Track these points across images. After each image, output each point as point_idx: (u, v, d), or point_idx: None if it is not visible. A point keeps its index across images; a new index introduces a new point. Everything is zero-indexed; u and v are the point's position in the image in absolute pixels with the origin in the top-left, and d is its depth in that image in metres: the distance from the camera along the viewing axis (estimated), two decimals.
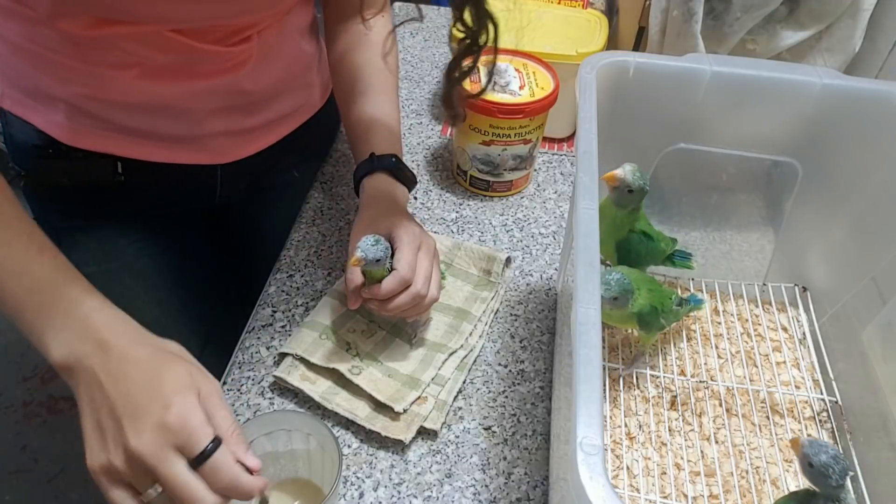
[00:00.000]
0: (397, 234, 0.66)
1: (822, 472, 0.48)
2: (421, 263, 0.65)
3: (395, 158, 0.75)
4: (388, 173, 0.74)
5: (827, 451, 0.48)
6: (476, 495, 0.62)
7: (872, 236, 0.66)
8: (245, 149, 0.82)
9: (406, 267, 0.63)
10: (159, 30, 0.64)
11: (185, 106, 0.72)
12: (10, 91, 0.73)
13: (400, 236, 0.65)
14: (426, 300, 0.66)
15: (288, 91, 0.82)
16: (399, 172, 0.75)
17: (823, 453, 0.48)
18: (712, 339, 0.74)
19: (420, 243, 0.66)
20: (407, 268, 0.63)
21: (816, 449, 0.48)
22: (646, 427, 0.66)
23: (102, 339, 0.50)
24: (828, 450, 0.48)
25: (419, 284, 0.64)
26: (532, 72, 0.88)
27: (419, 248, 0.66)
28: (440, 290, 0.68)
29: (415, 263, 0.64)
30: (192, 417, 0.46)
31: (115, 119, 0.71)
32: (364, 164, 0.75)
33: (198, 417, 0.47)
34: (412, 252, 0.65)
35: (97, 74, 0.67)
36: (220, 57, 0.70)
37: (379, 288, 0.63)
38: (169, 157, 0.76)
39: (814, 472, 0.49)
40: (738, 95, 0.63)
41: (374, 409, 0.66)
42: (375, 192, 0.73)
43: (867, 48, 0.88)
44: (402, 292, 0.64)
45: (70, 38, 0.64)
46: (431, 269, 0.66)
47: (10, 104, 0.73)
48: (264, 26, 0.72)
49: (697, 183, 0.72)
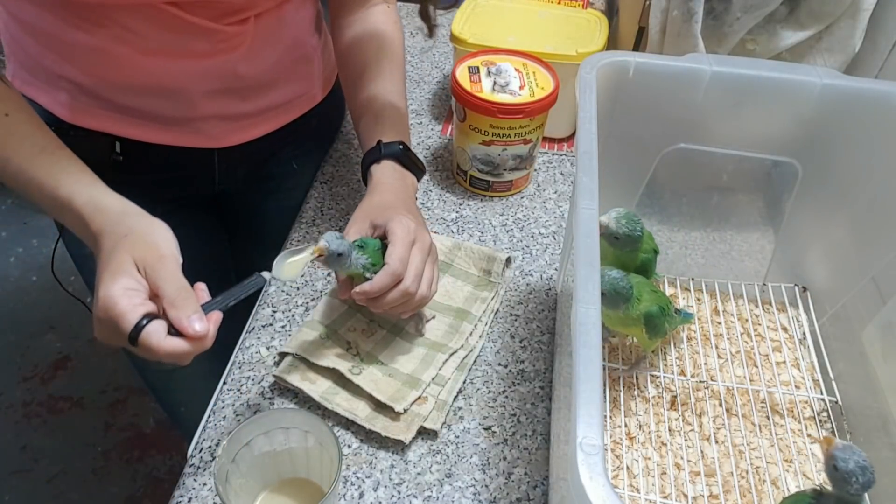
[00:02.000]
0: (391, 228, 0.65)
1: (845, 479, 0.47)
2: (413, 259, 0.64)
3: (403, 145, 0.75)
4: (396, 160, 0.75)
5: (857, 460, 0.47)
6: (476, 495, 0.62)
7: (872, 236, 0.66)
8: (240, 135, 0.82)
9: (397, 261, 0.62)
10: (154, 1, 0.65)
11: (180, 86, 0.73)
12: (20, 72, 0.75)
13: (393, 230, 0.64)
14: (416, 298, 0.64)
15: (285, 80, 0.83)
16: (406, 159, 0.75)
17: (853, 461, 0.47)
18: (712, 339, 0.74)
19: (414, 239, 0.65)
20: (398, 262, 0.62)
21: (848, 454, 0.47)
22: (646, 427, 0.66)
23: (93, 231, 0.56)
24: (859, 459, 0.47)
25: (408, 281, 0.63)
26: (532, 72, 0.88)
27: (412, 243, 0.65)
28: (433, 289, 0.67)
29: (407, 258, 0.63)
30: (112, 308, 0.50)
31: (114, 98, 0.73)
32: (372, 151, 0.75)
33: (117, 308, 0.50)
34: (405, 247, 0.64)
35: (96, 50, 0.69)
36: (214, 36, 0.71)
37: (370, 284, 0.62)
38: (165, 138, 0.77)
39: (836, 476, 0.48)
40: (738, 95, 0.63)
41: (374, 409, 0.66)
42: (381, 180, 0.73)
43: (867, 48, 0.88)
44: (390, 290, 0.63)
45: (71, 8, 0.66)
46: (424, 266, 0.65)
47: (20, 84, 0.75)
48: (262, 10, 0.73)
49: (697, 183, 0.72)
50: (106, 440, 1.68)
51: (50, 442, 1.66)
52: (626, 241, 0.64)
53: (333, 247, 0.60)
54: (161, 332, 0.51)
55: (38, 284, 2.03)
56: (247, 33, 0.73)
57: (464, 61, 0.89)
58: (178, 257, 0.55)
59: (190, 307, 0.52)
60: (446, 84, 1.13)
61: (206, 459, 0.64)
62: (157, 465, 1.64)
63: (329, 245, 0.60)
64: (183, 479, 0.62)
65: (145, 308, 0.51)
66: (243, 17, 0.72)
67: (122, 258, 0.53)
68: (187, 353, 0.52)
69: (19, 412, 1.72)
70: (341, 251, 0.61)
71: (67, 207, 0.58)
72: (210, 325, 0.52)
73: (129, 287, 0.51)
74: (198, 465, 0.63)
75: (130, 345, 0.51)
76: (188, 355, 0.52)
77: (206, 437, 0.65)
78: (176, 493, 0.61)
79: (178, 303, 0.51)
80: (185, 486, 0.62)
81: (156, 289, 0.52)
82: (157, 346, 0.50)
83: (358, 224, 0.68)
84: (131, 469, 1.63)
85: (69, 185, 0.58)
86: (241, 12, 0.71)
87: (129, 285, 0.52)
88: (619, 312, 0.62)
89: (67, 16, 0.67)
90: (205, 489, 0.61)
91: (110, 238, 0.55)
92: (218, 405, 0.68)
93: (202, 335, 0.51)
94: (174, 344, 0.51)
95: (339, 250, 0.61)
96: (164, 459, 1.65)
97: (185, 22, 0.68)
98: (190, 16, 0.68)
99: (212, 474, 0.61)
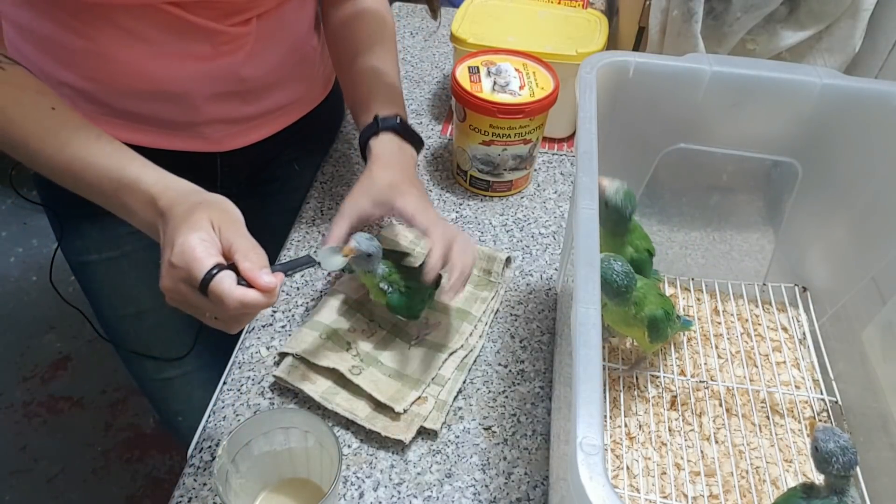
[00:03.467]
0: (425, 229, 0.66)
1: (826, 459, 0.49)
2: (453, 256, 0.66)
3: (400, 118, 0.75)
4: (394, 133, 0.75)
5: (837, 441, 0.49)
6: (476, 495, 0.62)
7: (872, 236, 0.66)
8: (243, 138, 0.82)
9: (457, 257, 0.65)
10: (156, 1, 0.65)
11: (183, 90, 0.73)
12: None
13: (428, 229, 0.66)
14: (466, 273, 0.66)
15: (287, 81, 0.83)
16: (405, 132, 0.75)
17: (833, 441, 0.49)
18: (712, 339, 0.74)
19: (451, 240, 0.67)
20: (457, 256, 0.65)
21: (828, 436, 0.49)
22: (646, 427, 0.66)
23: (161, 207, 0.57)
24: (838, 439, 0.49)
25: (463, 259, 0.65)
26: (532, 72, 0.88)
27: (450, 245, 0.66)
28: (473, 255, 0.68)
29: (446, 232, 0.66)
30: (187, 254, 0.52)
31: (116, 104, 0.73)
32: (369, 126, 0.75)
33: (194, 253, 0.52)
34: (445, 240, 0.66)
35: (97, 55, 0.68)
36: (217, 37, 0.71)
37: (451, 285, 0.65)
38: (168, 143, 0.77)
39: (818, 458, 0.50)
40: (738, 95, 0.63)
41: (374, 409, 0.66)
42: (382, 153, 0.73)
43: (867, 48, 0.88)
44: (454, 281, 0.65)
45: (69, 10, 0.65)
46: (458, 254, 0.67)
47: None
48: (263, 10, 0.73)
49: (697, 183, 0.71)
50: (106, 440, 1.68)
51: (50, 442, 1.66)
52: (613, 215, 0.63)
53: (364, 247, 0.63)
54: (232, 281, 0.52)
55: (38, 284, 2.03)
56: (249, 35, 0.73)
57: (464, 61, 0.89)
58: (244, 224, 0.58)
59: (262, 261, 0.54)
60: (446, 84, 1.13)
61: (206, 459, 0.64)
62: (157, 465, 1.64)
63: (360, 245, 0.63)
64: (183, 479, 0.62)
65: (218, 259, 0.53)
66: (245, 18, 0.72)
67: (199, 216, 0.55)
68: (254, 304, 0.53)
69: (19, 412, 1.72)
70: (371, 252, 0.63)
71: (133, 187, 0.59)
72: (277, 281, 0.54)
73: (204, 239, 0.53)
74: (198, 465, 0.63)
75: (199, 293, 0.52)
76: (254, 307, 0.53)
77: (206, 437, 0.65)
78: (176, 493, 0.61)
79: (251, 256, 0.54)
80: (185, 486, 0.62)
81: (229, 245, 0.54)
82: (229, 293, 0.52)
83: (357, 200, 0.68)
84: (131, 469, 1.63)
85: (136, 167, 0.60)
86: (243, 12, 0.71)
87: (206, 237, 0.54)
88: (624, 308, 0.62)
89: (65, 19, 0.67)
90: (205, 489, 0.61)
91: (182, 206, 0.57)
92: (218, 405, 0.68)
93: (272, 286, 0.53)
94: (244, 292, 0.52)
95: (369, 251, 0.63)
96: (164, 459, 1.65)
97: (187, 23, 0.68)
98: (191, 16, 0.67)
99: (212, 474, 0.61)
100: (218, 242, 0.54)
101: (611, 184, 0.62)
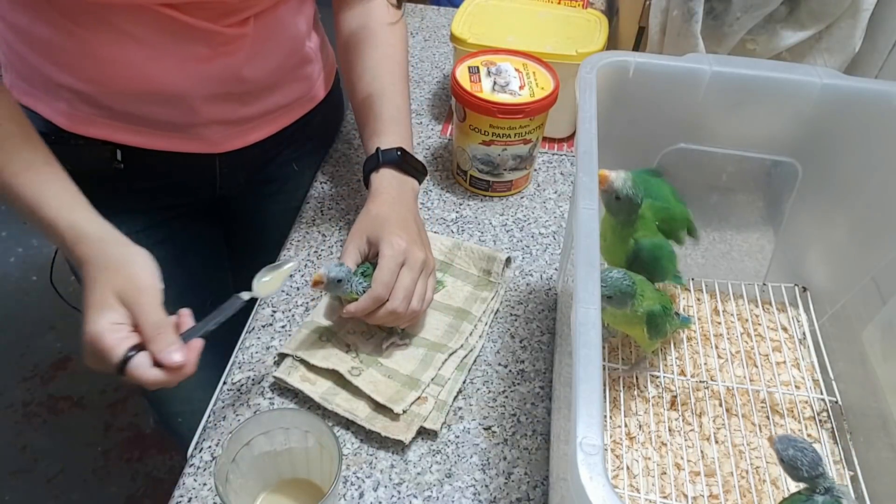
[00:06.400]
0: (381, 251, 0.67)
1: (792, 465, 0.49)
2: (401, 280, 0.66)
3: (401, 151, 0.75)
4: (394, 167, 0.75)
5: (795, 445, 0.49)
6: (476, 495, 0.62)
7: (872, 236, 0.66)
8: (242, 139, 0.82)
9: (381, 287, 0.65)
10: (149, 2, 0.65)
11: (181, 92, 0.73)
12: (18, 82, 0.75)
13: (383, 252, 0.67)
14: (406, 314, 0.67)
15: (286, 82, 0.83)
16: (405, 165, 0.76)
17: (791, 447, 0.49)
18: (712, 339, 0.74)
19: (404, 259, 0.67)
20: (381, 287, 0.65)
21: (785, 444, 0.49)
22: (646, 427, 0.66)
23: (78, 257, 0.59)
24: (796, 443, 0.49)
25: (396, 302, 0.65)
26: (532, 72, 0.88)
27: (402, 263, 0.67)
28: (428, 300, 0.69)
29: (392, 282, 0.66)
30: (98, 342, 0.54)
31: (114, 106, 0.73)
32: (371, 158, 0.76)
33: (103, 342, 0.53)
34: (390, 271, 0.66)
35: (94, 57, 0.68)
36: (214, 38, 0.71)
37: (354, 305, 0.66)
38: (166, 145, 0.77)
39: (786, 468, 0.50)
40: (738, 95, 0.63)
41: (374, 410, 0.66)
42: (380, 189, 0.74)
43: (867, 48, 0.88)
44: (378, 309, 0.66)
45: (64, 12, 0.65)
46: (414, 284, 0.67)
47: (18, 94, 0.74)
48: (258, 10, 0.73)
49: (697, 183, 0.71)
50: (106, 440, 1.68)
51: (50, 442, 1.66)
52: (624, 205, 0.62)
53: (332, 273, 0.64)
54: (146, 364, 0.54)
55: (38, 284, 2.03)
56: (247, 35, 0.73)
57: (464, 61, 0.89)
58: (156, 287, 0.58)
59: (166, 341, 0.55)
60: (446, 84, 1.13)
61: (206, 459, 0.64)
62: (157, 465, 1.64)
63: (328, 273, 0.64)
64: (183, 479, 0.62)
65: (130, 341, 0.55)
66: (241, 19, 0.71)
67: (103, 292, 0.56)
68: (170, 382, 0.55)
69: (19, 412, 1.72)
70: (340, 277, 0.64)
71: (52, 229, 0.60)
72: (191, 354, 0.56)
73: (113, 321, 0.55)
74: (198, 465, 0.63)
75: (119, 375, 0.54)
76: (172, 383, 0.56)
77: (206, 437, 0.65)
78: (176, 493, 0.61)
79: (155, 338, 0.55)
80: (185, 486, 0.62)
81: (136, 323, 0.56)
82: (143, 377, 0.54)
83: (355, 240, 0.70)
84: (131, 469, 1.63)
85: (53, 207, 0.60)
86: (238, 13, 0.71)
87: (114, 319, 0.55)
88: (626, 310, 0.61)
89: (62, 22, 0.66)
90: (205, 489, 0.61)
91: (92, 268, 0.57)
92: (218, 405, 0.68)
93: (183, 364, 0.55)
94: (157, 374, 0.55)
95: (339, 276, 0.64)
96: (164, 459, 1.65)
97: (183, 24, 0.68)
98: (186, 17, 0.67)
99: (212, 474, 0.61)
100: (128, 315, 0.56)
101: (616, 176, 0.61)
